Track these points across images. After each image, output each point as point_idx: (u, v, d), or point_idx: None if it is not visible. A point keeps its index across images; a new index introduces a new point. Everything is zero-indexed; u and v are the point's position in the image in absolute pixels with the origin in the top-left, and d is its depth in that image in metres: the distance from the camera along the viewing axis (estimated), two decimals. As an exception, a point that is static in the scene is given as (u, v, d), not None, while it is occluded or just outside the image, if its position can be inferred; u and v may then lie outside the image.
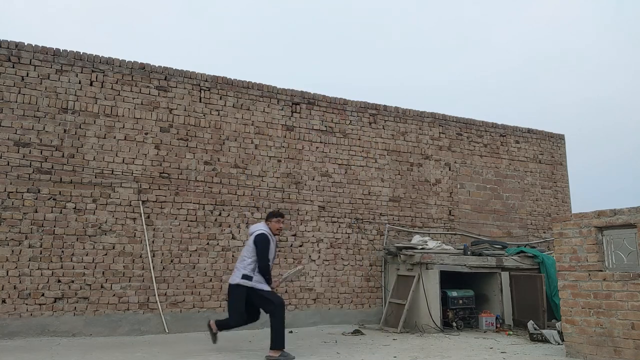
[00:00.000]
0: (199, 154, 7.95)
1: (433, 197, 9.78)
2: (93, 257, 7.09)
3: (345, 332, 7.65)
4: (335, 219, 8.81)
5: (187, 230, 7.66)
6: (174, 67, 8.04)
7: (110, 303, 7.08)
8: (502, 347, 6.36)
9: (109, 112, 7.50)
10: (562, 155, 11.48)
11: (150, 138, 7.69)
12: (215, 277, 7.71)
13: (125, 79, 7.68)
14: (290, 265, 8.31)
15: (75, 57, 7.43)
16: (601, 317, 5.35)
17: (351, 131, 9.24)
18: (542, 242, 10.30)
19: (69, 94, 7.31)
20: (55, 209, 6.99)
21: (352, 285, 8.74)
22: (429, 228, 9.59)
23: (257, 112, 8.50)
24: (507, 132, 10.88)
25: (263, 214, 8.18)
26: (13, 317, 6.57)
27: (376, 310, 8.80)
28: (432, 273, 8.03)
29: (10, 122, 6.94)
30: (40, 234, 6.87)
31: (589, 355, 5.42)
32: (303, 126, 8.84)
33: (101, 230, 7.19)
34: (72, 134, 7.25)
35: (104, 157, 7.37)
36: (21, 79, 7.08)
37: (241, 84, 8.45)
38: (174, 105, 7.93)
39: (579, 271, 5.65)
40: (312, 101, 9.00)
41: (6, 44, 7.07)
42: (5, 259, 6.66)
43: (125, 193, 7.39)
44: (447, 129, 10.20)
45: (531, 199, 10.85)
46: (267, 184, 8.37)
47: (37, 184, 6.95)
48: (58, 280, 6.87)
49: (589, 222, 5.61)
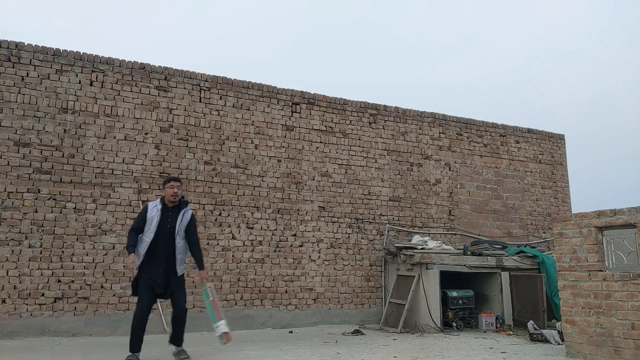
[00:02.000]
0: (199, 154, 7.95)
1: (433, 197, 9.78)
2: (93, 257, 7.09)
3: (346, 332, 7.65)
4: (335, 219, 8.81)
5: (187, 230, 7.65)
6: (174, 67, 8.04)
7: (110, 303, 7.08)
8: (502, 347, 6.36)
9: (109, 112, 7.50)
10: (562, 155, 11.48)
11: (150, 138, 7.69)
12: (215, 277, 7.71)
13: (125, 79, 7.67)
14: (290, 265, 8.31)
15: (75, 57, 7.43)
16: (601, 317, 5.35)
17: (351, 131, 9.24)
18: (542, 242, 10.30)
19: (69, 94, 7.31)
20: (55, 209, 6.99)
21: (352, 285, 8.74)
22: (429, 228, 9.59)
23: (257, 112, 8.50)
24: (507, 132, 10.88)
25: (263, 214, 8.20)
26: (13, 317, 6.57)
27: (376, 310, 8.80)
28: (432, 273, 8.04)
29: (10, 122, 6.94)
30: (40, 234, 6.87)
31: (589, 355, 5.42)
32: (303, 126, 8.83)
33: (101, 230, 7.19)
34: (72, 134, 7.25)
35: (104, 157, 7.37)
36: (21, 79, 7.08)
37: (241, 84, 8.45)
38: (174, 105, 7.93)
39: (579, 271, 5.65)
40: (312, 101, 9.00)
41: (6, 44, 7.07)
42: (5, 259, 6.66)
43: (125, 193, 7.39)
44: (447, 129, 10.20)
45: (531, 199, 10.85)
46: (267, 184, 8.36)
47: (37, 184, 6.95)
48: (58, 280, 6.87)
49: (589, 222, 5.61)
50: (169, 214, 5.20)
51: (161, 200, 5.27)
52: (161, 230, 5.13)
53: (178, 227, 5.20)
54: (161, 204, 5.22)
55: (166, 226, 5.16)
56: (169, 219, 5.18)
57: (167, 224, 5.17)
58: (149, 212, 5.16)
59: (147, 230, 5.11)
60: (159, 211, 5.16)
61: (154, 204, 5.24)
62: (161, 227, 5.13)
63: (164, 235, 5.14)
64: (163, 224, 5.15)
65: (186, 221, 5.28)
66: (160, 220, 5.13)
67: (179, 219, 5.23)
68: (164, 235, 5.14)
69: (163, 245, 5.13)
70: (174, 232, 5.19)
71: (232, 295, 7.80)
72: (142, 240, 5.10)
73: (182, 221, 5.25)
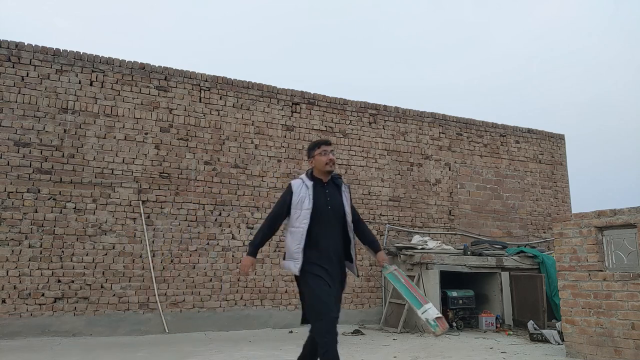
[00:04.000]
0: (199, 154, 7.95)
1: (433, 197, 9.78)
2: (93, 257, 7.09)
3: (346, 332, 7.64)
4: (335, 219, 8.79)
5: (187, 230, 7.66)
6: (174, 67, 8.04)
7: (110, 303, 7.08)
8: (502, 347, 6.36)
9: (109, 112, 7.50)
10: (562, 155, 11.48)
11: (150, 138, 7.69)
12: (215, 277, 7.71)
13: (125, 79, 7.67)
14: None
15: (75, 57, 7.43)
16: (601, 317, 5.35)
17: (351, 131, 9.24)
18: (542, 242, 10.30)
19: (69, 94, 7.31)
20: (55, 209, 6.99)
21: (352, 285, 8.73)
22: (429, 228, 9.59)
23: (257, 112, 8.50)
24: (507, 132, 10.88)
25: (263, 214, 8.18)
26: (13, 317, 6.57)
27: (376, 310, 8.80)
28: (432, 273, 8.04)
29: (10, 122, 6.94)
30: (40, 234, 6.87)
31: (589, 355, 5.42)
32: (303, 126, 8.83)
33: (101, 230, 7.19)
34: (72, 134, 7.25)
35: (104, 157, 7.37)
36: (21, 79, 7.08)
37: (241, 84, 8.45)
38: (174, 105, 7.93)
39: (579, 271, 5.64)
40: (312, 101, 9.00)
41: (6, 44, 7.07)
42: (5, 259, 6.66)
43: (125, 193, 7.39)
44: (447, 129, 10.20)
45: (531, 199, 10.85)
46: (267, 184, 8.36)
47: (37, 184, 6.95)
48: (58, 280, 6.87)
49: (589, 222, 5.61)
50: (325, 191, 3.65)
51: (309, 174, 3.73)
52: (320, 215, 3.55)
53: (346, 208, 3.68)
54: (310, 179, 3.68)
55: (326, 208, 3.59)
56: (327, 197, 3.62)
57: (327, 205, 3.60)
58: (296, 192, 3.61)
59: (297, 216, 3.55)
60: (310, 188, 3.61)
61: (299, 181, 3.70)
62: (318, 209, 3.55)
63: (323, 222, 3.56)
64: (321, 205, 3.57)
65: (350, 199, 3.78)
66: (315, 201, 3.57)
67: (344, 197, 3.72)
68: (325, 223, 3.57)
69: (325, 236, 3.55)
70: (339, 215, 3.63)
71: (232, 295, 7.80)
72: (293, 232, 3.56)
73: (348, 200, 3.74)
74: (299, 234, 3.50)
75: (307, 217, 3.51)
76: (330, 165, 3.68)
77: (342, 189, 3.74)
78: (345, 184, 3.84)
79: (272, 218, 3.70)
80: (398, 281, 4.23)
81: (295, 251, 3.50)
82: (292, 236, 3.55)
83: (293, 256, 3.51)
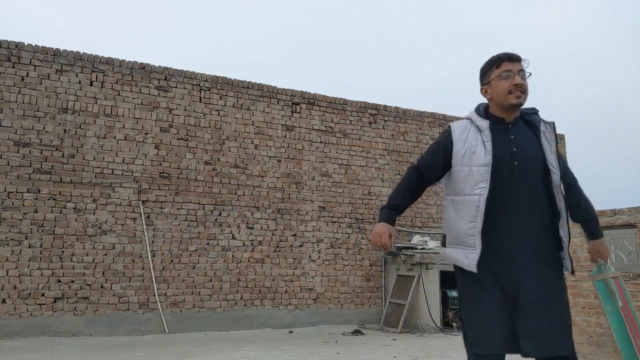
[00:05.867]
0: (199, 154, 7.95)
1: (433, 197, 9.78)
2: (93, 257, 7.09)
3: (346, 332, 7.65)
4: (336, 219, 8.81)
5: (187, 230, 7.66)
6: (174, 67, 8.04)
7: (110, 303, 7.08)
8: (502, 347, 6.35)
9: (109, 112, 7.50)
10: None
11: (150, 138, 7.69)
12: (215, 277, 7.71)
13: (125, 79, 7.67)
14: (290, 265, 8.30)
15: (75, 57, 7.43)
16: (601, 317, 5.35)
17: (351, 131, 9.24)
18: (542, 242, 10.28)
19: (69, 94, 7.30)
20: (55, 209, 6.99)
21: (352, 285, 8.73)
22: (429, 228, 9.59)
23: (257, 112, 8.50)
24: (507, 132, 10.86)
25: (263, 214, 8.19)
26: (13, 317, 6.57)
27: (376, 310, 8.80)
28: (432, 273, 8.04)
29: (10, 122, 6.94)
30: (40, 234, 6.87)
31: (589, 355, 5.42)
32: (303, 126, 8.83)
33: (101, 230, 7.19)
34: (72, 134, 7.25)
35: (104, 157, 7.37)
36: (21, 79, 7.08)
37: (241, 84, 8.45)
38: (174, 105, 7.93)
39: (579, 271, 5.63)
40: (312, 101, 9.00)
41: (6, 44, 7.07)
42: (5, 259, 6.66)
43: (125, 193, 7.39)
44: (447, 129, 10.18)
45: (531, 199, 10.82)
46: (267, 184, 8.36)
47: (37, 184, 6.95)
48: (58, 280, 6.87)
49: (589, 222, 5.60)
50: (510, 136, 2.22)
51: (481, 109, 2.31)
52: (501, 174, 2.14)
53: (550, 159, 2.20)
54: (485, 118, 2.26)
55: (511, 162, 2.16)
56: (513, 146, 2.19)
57: (513, 158, 2.17)
58: (459, 137, 2.23)
59: (466, 176, 2.18)
60: (486, 132, 2.20)
61: (466, 122, 2.29)
62: (500, 165, 2.14)
63: (508, 186, 2.15)
64: (504, 158, 2.17)
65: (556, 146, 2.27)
66: (495, 152, 2.16)
67: (544, 143, 2.24)
68: (512, 187, 2.15)
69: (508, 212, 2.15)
70: (536, 173, 2.19)
71: (232, 295, 7.80)
72: (460, 202, 2.20)
73: (553, 147, 2.24)
74: (473, 205, 2.14)
75: (486, 177, 2.12)
76: (519, 95, 2.20)
77: (540, 130, 2.26)
78: (548, 122, 2.30)
79: (415, 175, 2.33)
80: (608, 298, 2.70)
81: (468, 233, 2.16)
82: (459, 209, 2.20)
83: (464, 241, 2.19)
